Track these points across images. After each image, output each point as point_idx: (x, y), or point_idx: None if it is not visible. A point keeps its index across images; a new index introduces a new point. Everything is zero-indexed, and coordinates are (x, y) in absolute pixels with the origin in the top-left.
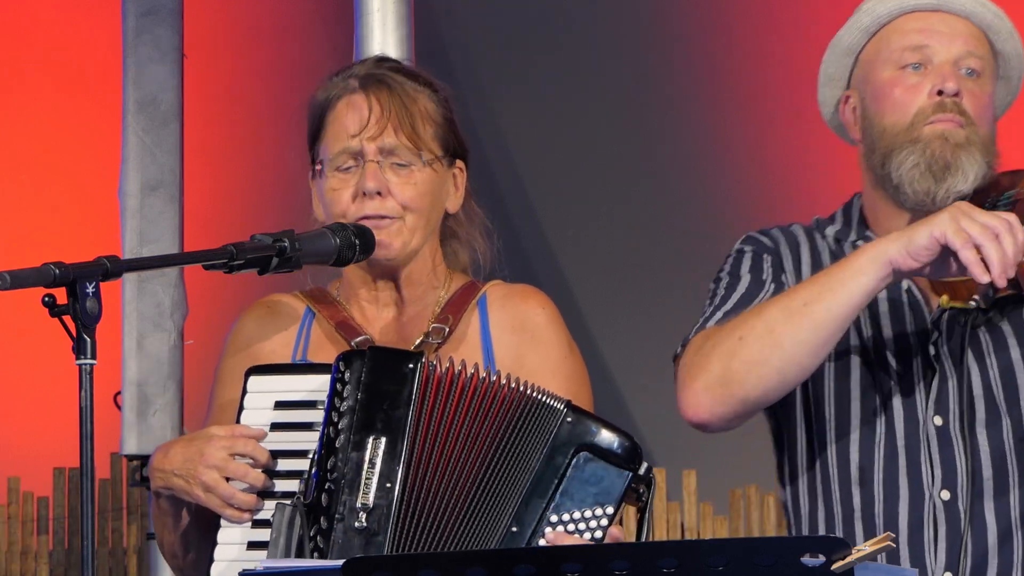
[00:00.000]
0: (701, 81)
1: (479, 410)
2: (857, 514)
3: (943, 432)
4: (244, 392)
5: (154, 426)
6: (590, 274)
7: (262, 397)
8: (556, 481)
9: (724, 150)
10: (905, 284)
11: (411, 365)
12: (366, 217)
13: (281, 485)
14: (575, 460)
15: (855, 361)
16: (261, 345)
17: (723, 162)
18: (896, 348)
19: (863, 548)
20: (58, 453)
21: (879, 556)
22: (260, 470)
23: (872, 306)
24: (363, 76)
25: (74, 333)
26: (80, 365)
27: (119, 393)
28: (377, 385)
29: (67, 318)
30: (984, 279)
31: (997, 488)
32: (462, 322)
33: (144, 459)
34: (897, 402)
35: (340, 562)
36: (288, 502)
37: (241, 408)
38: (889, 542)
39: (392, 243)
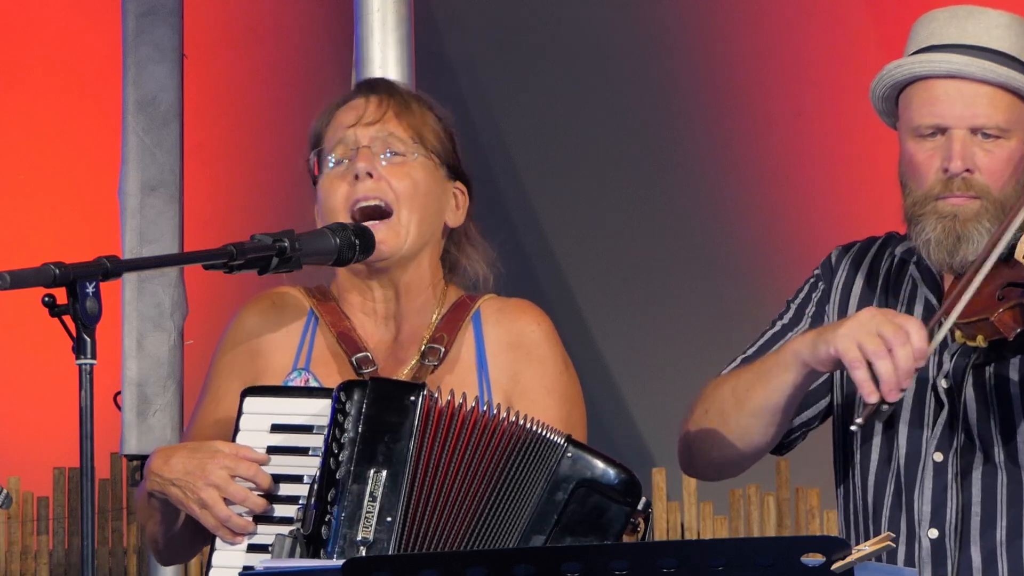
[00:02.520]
0: (702, 83)
1: (480, 444)
2: (856, 540)
3: (940, 469)
4: (240, 413)
5: (154, 426)
6: (591, 275)
7: (258, 419)
8: (556, 516)
9: (725, 151)
10: (936, 309)
11: (412, 398)
12: (360, 200)
13: (278, 510)
14: (575, 495)
15: (857, 405)
16: (262, 344)
17: (723, 163)
18: (918, 377)
19: (863, 548)
20: (58, 453)
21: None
22: (259, 495)
23: None
24: (363, 83)
25: (74, 333)
26: (80, 365)
27: (119, 393)
28: (379, 417)
29: (67, 318)
30: (872, 399)
31: (984, 520)
32: (456, 340)
33: (144, 459)
34: (903, 438)
35: (340, 562)
36: (287, 532)
37: (237, 429)
38: (889, 542)
39: (386, 240)
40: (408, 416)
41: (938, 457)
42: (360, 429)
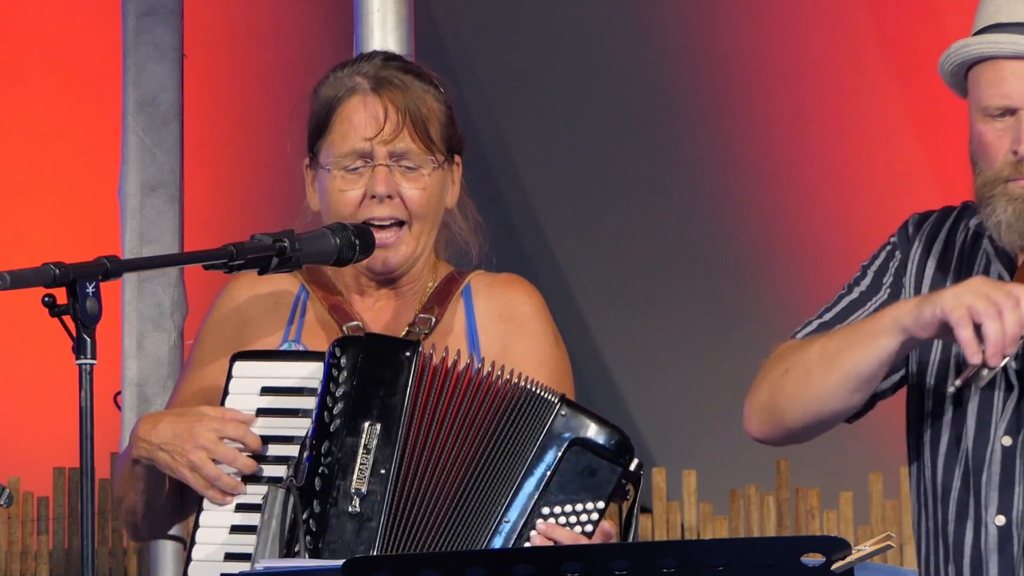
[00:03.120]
0: (702, 83)
1: (474, 401)
2: (939, 532)
3: (1008, 453)
4: (229, 376)
5: None
6: (590, 274)
7: (248, 382)
8: (549, 473)
9: (725, 151)
10: None
11: (407, 353)
12: (372, 219)
13: (267, 471)
14: (568, 454)
15: (952, 360)
16: (251, 316)
17: (723, 163)
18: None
19: (863, 548)
20: (58, 453)
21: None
22: (248, 455)
23: None
24: (373, 77)
25: (74, 333)
26: (80, 365)
27: (119, 393)
28: (373, 371)
29: (67, 318)
30: (975, 360)
31: None
32: (448, 312)
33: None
34: (972, 419)
35: (340, 562)
36: (280, 484)
37: (226, 393)
38: (889, 542)
39: (397, 256)
40: (402, 371)
41: (1007, 441)
42: (354, 383)
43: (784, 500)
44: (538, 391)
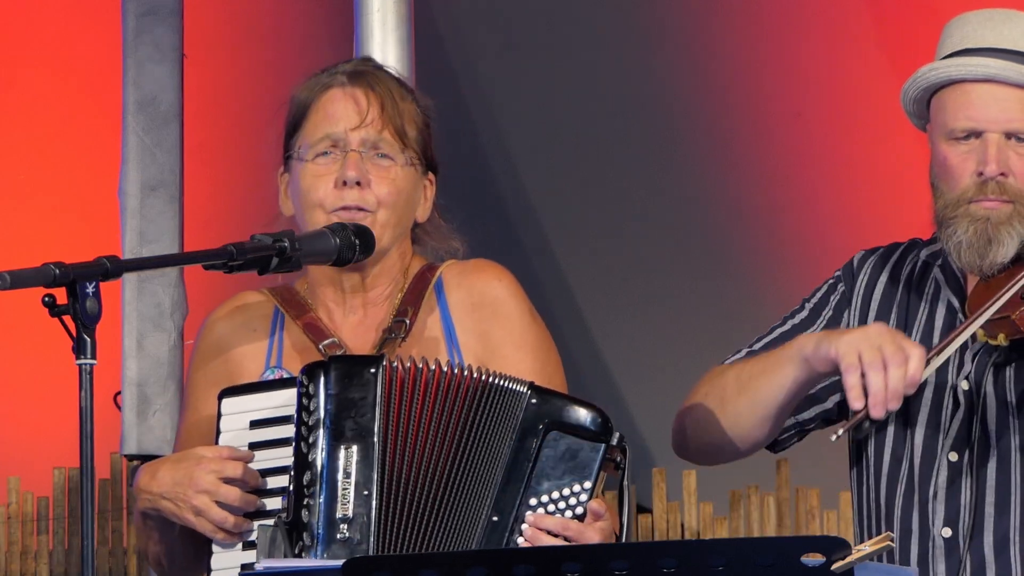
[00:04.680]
0: (702, 82)
1: (444, 404)
2: (869, 538)
3: (955, 468)
4: (219, 415)
5: (154, 426)
6: (590, 274)
7: (237, 418)
8: (530, 464)
9: (725, 151)
10: (959, 312)
11: (372, 370)
12: (344, 207)
13: (269, 504)
14: (546, 439)
15: None
16: (232, 350)
17: (723, 163)
18: (936, 381)
19: (863, 548)
20: (58, 453)
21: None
22: (250, 491)
23: (927, 331)
24: (351, 72)
25: (74, 333)
26: (80, 365)
27: (119, 393)
28: (342, 394)
29: (67, 318)
30: (856, 406)
31: (998, 512)
32: (421, 312)
33: (144, 459)
34: (919, 437)
35: (340, 562)
36: (270, 522)
37: (218, 432)
38: (888, 542)
39: None
40: (371, 389)
41: (953, 457)
42: (326, 408)
43: (784, 500)
44: (504, 383)
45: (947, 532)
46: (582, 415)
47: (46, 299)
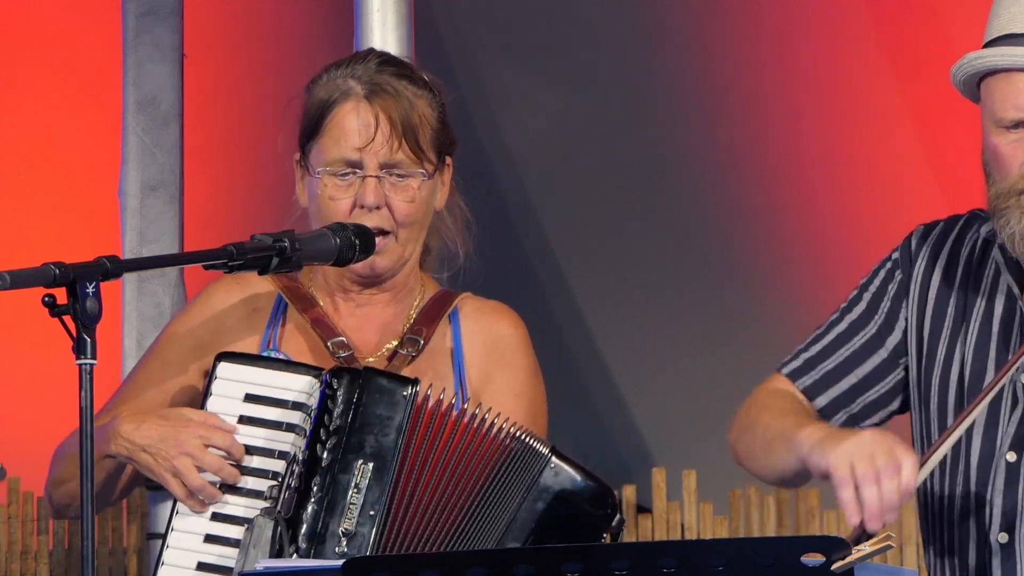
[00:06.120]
0: (702, 82)
1: (468, 449)
2: (933, 543)
3: (1012, 469)
4: (213, 377)
5: None
6: (590, 274)
7: (232, 386)
8: (533, 524)
9: (725, 151)
10: (1018, 299)
11: (404, 393)
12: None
13: (248, 482)
14: (553, 506)
15: (954, 378)
16: (227, 322)
17: (723, 162)
18: (995, 376)
19: (863, 548)
20: None
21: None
22: (232, 464)
23: (984, 324)
24: (368, 83)
25: (74, 333)
26: (80, 365)
27: None
28: (369, 408)
29: (67, 318)
30: (853, 521)
31: None
32: (436, 334)
33: None
34: (977, 434)
35: (340, 562)
36: (261, 511)
37: (208, 393)
38: (888, 542)
39: (383, 261)
40: (398, 411)
41: (1011, 457)
42: (349, 418)
43: (784, 500)
44: (531, 442)
45: (1004, 538)
46: (590, 490)
47: (46, 299)
